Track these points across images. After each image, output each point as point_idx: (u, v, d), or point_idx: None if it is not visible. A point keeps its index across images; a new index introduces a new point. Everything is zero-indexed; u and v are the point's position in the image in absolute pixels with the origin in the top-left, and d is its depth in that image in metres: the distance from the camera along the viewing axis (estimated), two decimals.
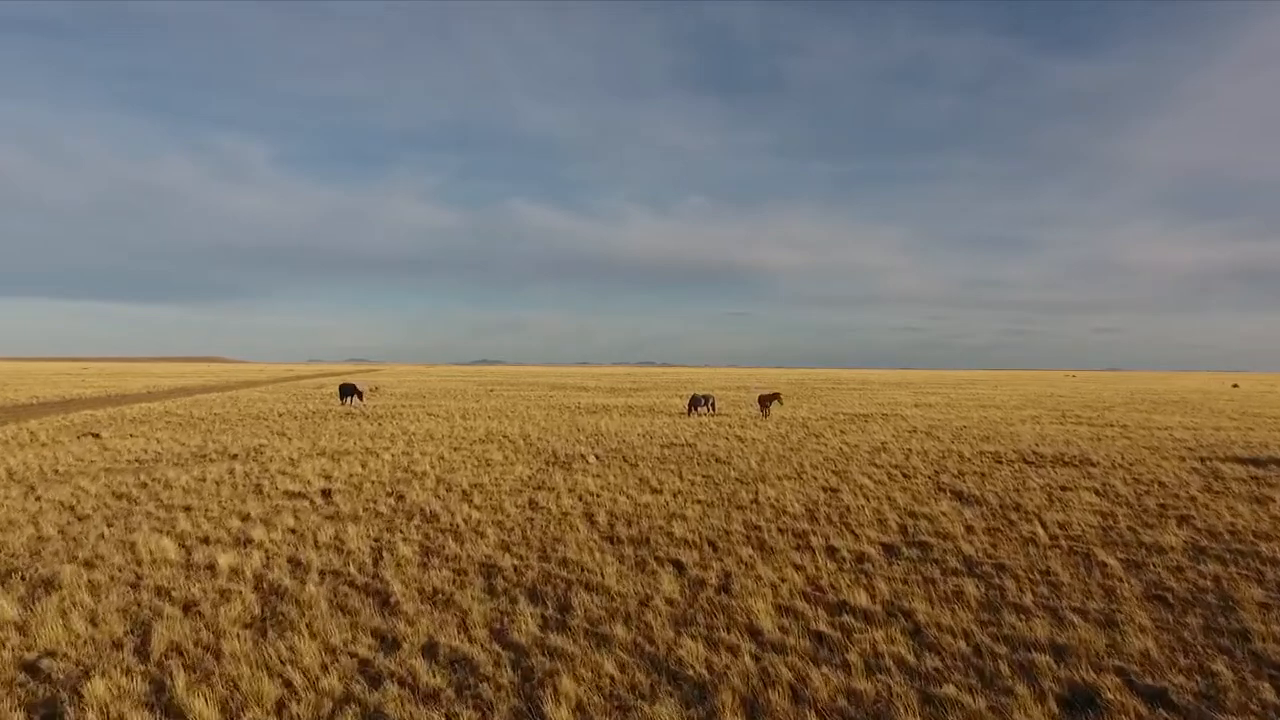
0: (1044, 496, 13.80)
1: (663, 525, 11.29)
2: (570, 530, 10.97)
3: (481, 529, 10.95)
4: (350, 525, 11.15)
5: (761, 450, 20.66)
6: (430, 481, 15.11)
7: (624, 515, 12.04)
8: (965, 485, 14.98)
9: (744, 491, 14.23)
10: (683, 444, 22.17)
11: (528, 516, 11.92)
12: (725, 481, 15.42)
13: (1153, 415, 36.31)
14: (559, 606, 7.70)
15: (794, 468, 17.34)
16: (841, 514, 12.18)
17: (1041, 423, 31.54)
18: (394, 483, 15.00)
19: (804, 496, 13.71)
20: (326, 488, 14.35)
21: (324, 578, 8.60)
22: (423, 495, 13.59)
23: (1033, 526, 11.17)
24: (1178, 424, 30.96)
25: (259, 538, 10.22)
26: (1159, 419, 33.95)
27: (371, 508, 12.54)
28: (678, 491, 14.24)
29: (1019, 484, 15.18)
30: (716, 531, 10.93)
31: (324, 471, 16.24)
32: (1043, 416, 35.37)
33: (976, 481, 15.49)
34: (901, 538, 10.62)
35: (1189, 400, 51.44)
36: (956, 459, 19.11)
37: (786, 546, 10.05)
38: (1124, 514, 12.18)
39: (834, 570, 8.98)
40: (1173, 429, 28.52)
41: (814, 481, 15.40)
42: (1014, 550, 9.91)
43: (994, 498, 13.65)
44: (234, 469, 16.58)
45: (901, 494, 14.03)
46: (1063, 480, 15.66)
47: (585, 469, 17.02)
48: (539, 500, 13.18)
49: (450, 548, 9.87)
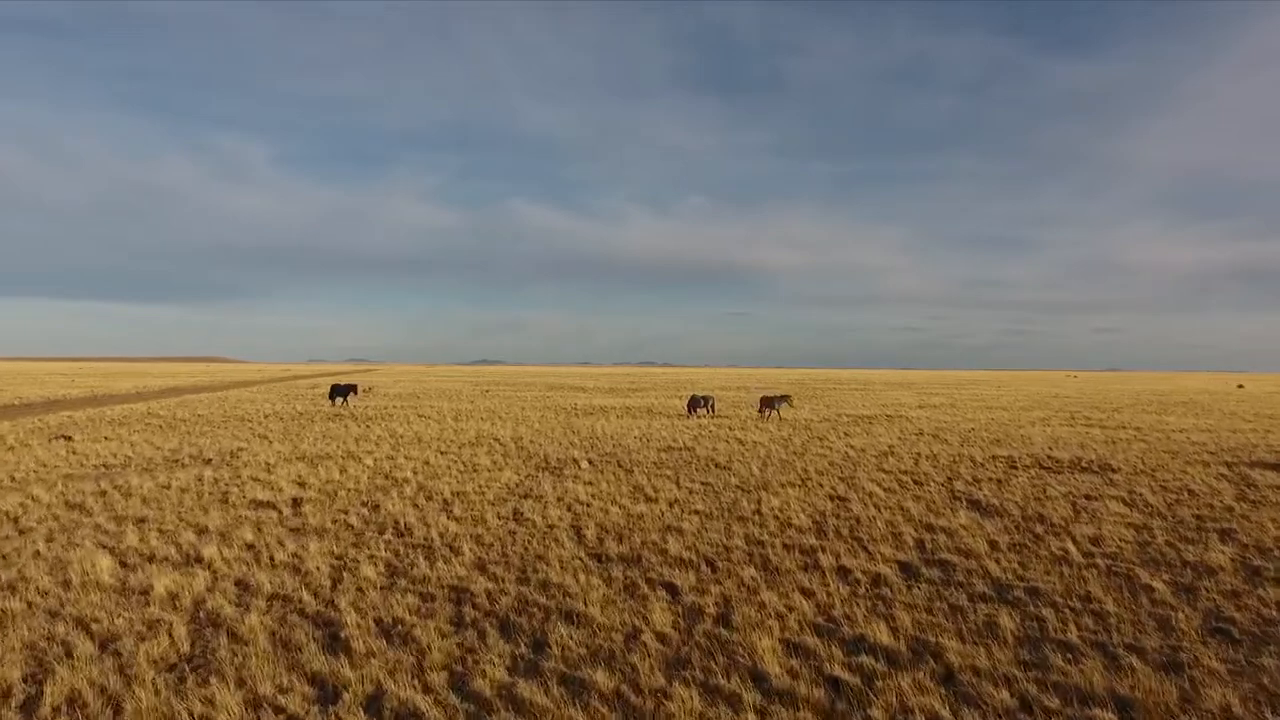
0: (1068, 507, 12.80)
1: (656, 541, 10.30)
2: (555, 546, 9.98)
3: (458, 545, 9.96)
4: (314, 540, 10.17)
5: (763, 455, 19.68)
6: (410, 489, 14.13)
7: (615, 528, 11.06)
8: (982, 493, 13.99)
9: (745, 501, 13.25)
10: (681, 447, 21.19)
11: (510, 530, 10.93)
12: (725, 489, 14.43)
13: (1164, 417, 35.32)
14: (534, 642, 6.69)
15: (798, 474, 16.36)
16: (852, 527, 11.19)
17: (1051, 425, 30.56)
18: (371, 491, 14.02)
19: (810, 507, 12.72)
20: (298, 496, 13.37)
21: (271, 605, 7.61)
22: (399, 505, 12.60)
23: (1062, 542, 10.18)
24: (1192, 426, 29.97)
25: (210, 555, 9.23)
26: (1171, 421, 32.97)
27: (342, 519, 11.56)
28: (674, 501, 13.26)
29: (1039, 492, 14.19)
30: (716, 548, 9.94)
31: (299, 478, 15.26)
32: (1051, 418, 34.39)
33: (993, 489, 14.50)
34: (919, 555, 9.63)
35: (1197, 401, 50.44)
36: (969, 464, 18.13)
37: (793, 566, 9.05)
38: (1159, 527, 11.19)
39: (847, 595, 7.99)
40: (1188, 431, 27.53)
41: (820, 490, 14.42)
42: (1046, 571, 8.91)
43: (1014, 508, 12.66)
44: (203, 475, 15.59)
45: (915, 503, 13.05)
46: (1085, 488, 14.67)
47: (577, 475, 16.04)
48: (524, 511, 12.20)
49: (420, 568, 8.88)
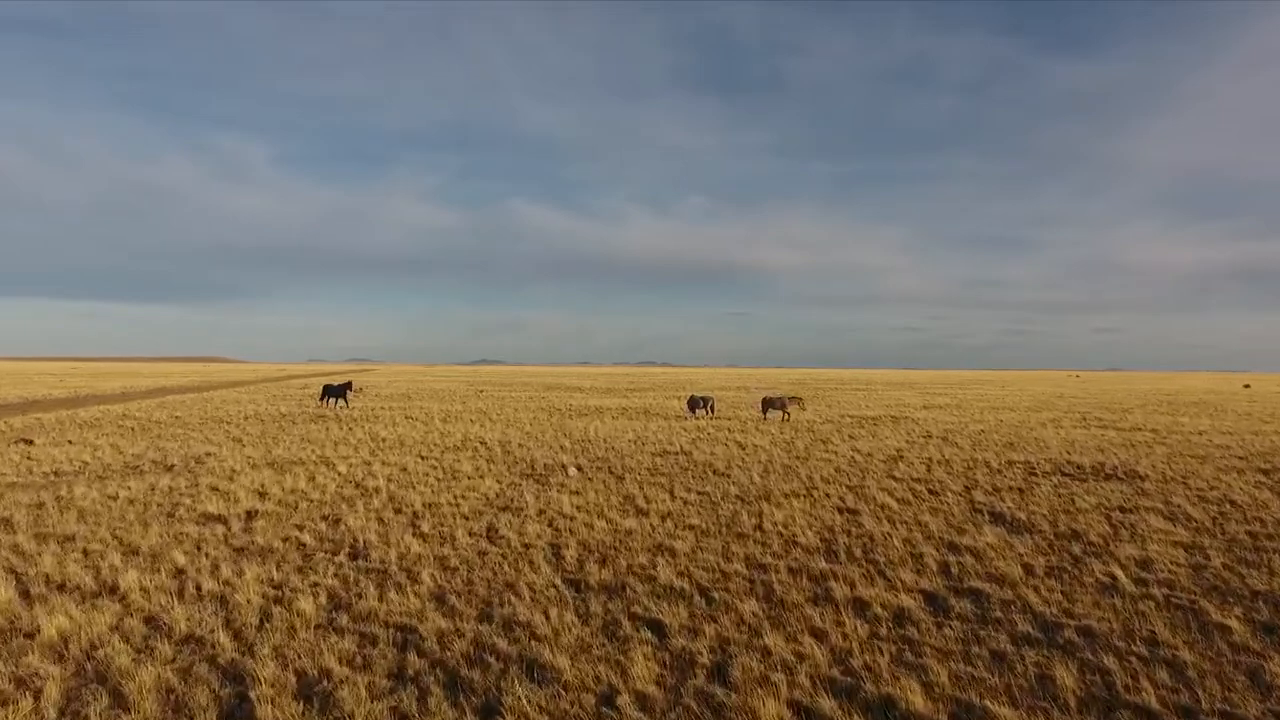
0: (1103, 521, 11.58)
1: (645, 564, 9.07)
2: (529, 571, 8.76)
3: (417, 570, 8.74)
4: (255, 564, 8.95)
5: (764, 459, 18.46)
6: (379, 500, 12.91)
7: (599, 548, 9.84)
8: (1005, 505, 12.77)
9: (745, 514, 12.04)
10: (677, 451, 19.97)
11: (480, 551, 9.71)
12: (724, 500, 13.22)
13: (1178, 418, 34.10)
14: (484, 707, 5.46)
15: (802, 482, 15.14)
16: (865, 546, 9.97)
17: (1063, 427, 29.34)
18: (336, 502, 12.81)
19: (817, 521, 11.51)
20: (254, 509, 12.15)
21: (179, 651, 6.39)
22: (362, 520, 11.38)
23: (1107, 566, 8.95)
24: (1210, 428, 28.75)
25: (128, 585, 8.01)
26: (1186, 422, 31.74)
27: (295, 537, 10.34)
28: (667, 514, 12.04)
29: (1066, 504, 12.98)
30: (712, 573, 8.71)
31: (261, 487, 14.05)
32: (1062, 419, 33.18)
33: (1016, 500, 13.28)
34: (945, 582, 8.41)
35: (1207, 402, 49.22)
36: (985, 470, 16.91)
37: (801, 598, 7.82)
38: (1212, 548, 9.96)
39: (867, 637, 6.77)
40: (1207, 434, 26.32)
41: (827, 501, 13.20)
42: (1095, 603, 7.68)
43: (1044, 523, 11.45)
44: (158, 484, 14.37)
45: (932, 517, 11.83)
46: (1116, 498, 13.46)
47: (563, 484, 14.82)
48: (500, 527, 10.98)
49: (367, 599, 7.66)
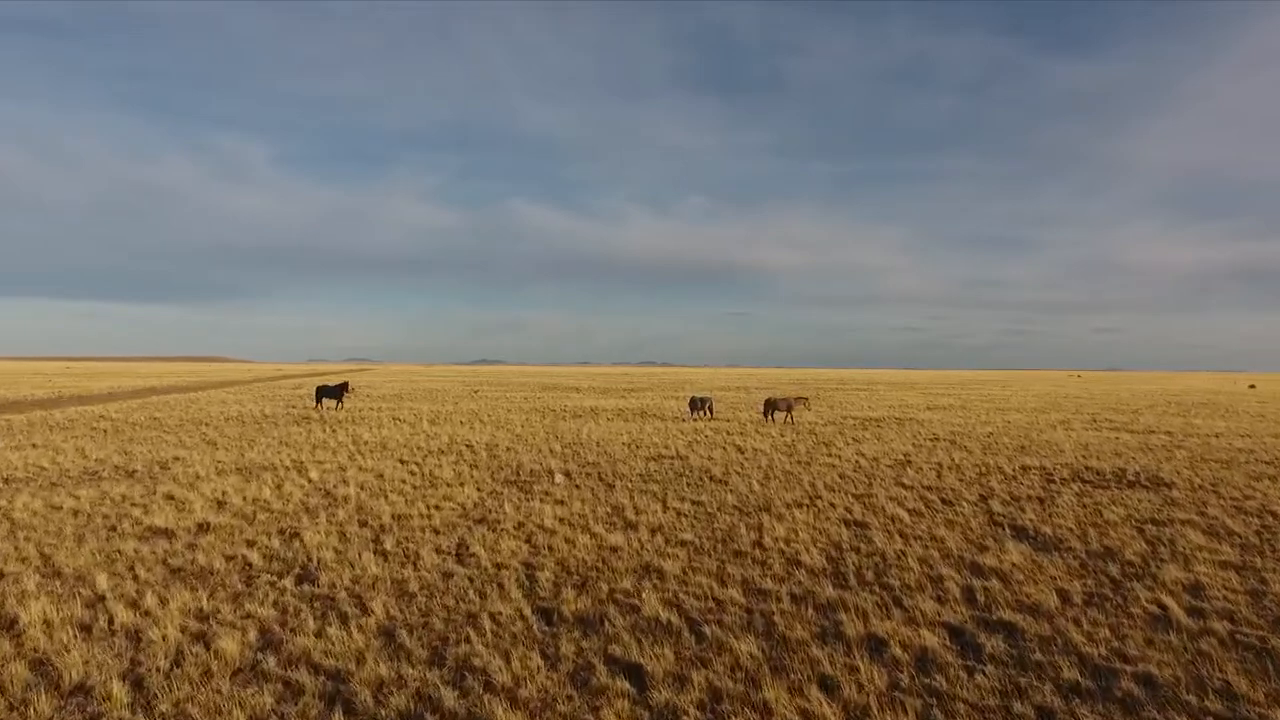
0: (1137, 536, 10.53)
1: (629, 590, 8.01)
2: (496, 599, 7.69)
3: (370, 598, 7.68)
4: (187, 590, 7.88)
5: (765, 464, 17.40)
6: (345, 512, 11.85)
7: (579, 569, 8.78)
8: (1026, 517, 11.71)
9: (743, 527, 10.98)
10: (673, 455, 18.91)
11: (446, 573, 8.64)
12: (720, 511, 12.16)
13: (1190, 420, 33.06)
14: None
15: (805, 490, 14.08)
16: (877, 567, 8.91)
17: (1074, 429, 28.28)
18: (299, 513, 11.75)
19: (822, 537, 10.44)
20: (206, 522, 11.09)
21: (60, 708, 5.31)
22: (321, 535, 10.32)
23: (1153, 593, 7.88)
24: (1226, 430, 27.70)
25: (30, 618, 6.93)
26: (1200, 424, 30.70)
27: (241, 556, 9.28)
28: (658, 527, 10.98)
29: (1093, 515, 11.92)
30: (704, 602, 7.65)
31: (222, 496, 12.99)
32: (1071, 420, 32.13)
33: (1038, 511, 12.22)
34: (972, 612, 7.35)
35: (1215, 402, 48.18)
36: (1000, 477, 15.85)
37: (806, 634, 6.74)
38: (1267, 570, 8.88)
39: (886, 689, 5.69)
40: (1224, 436, 25.27)
41: (832, 511, 12.14)
42: (1149, 640, 6.62)
43: (1073, 538, 10.39)
44: (111, 493, 13.31)
45: (949, 531, 10.77)
46: (1145, 509, 12.40)
47: (548, 492, 13.76)
48: (471, 544, 9.91)
49: (303, 637, 6.59)
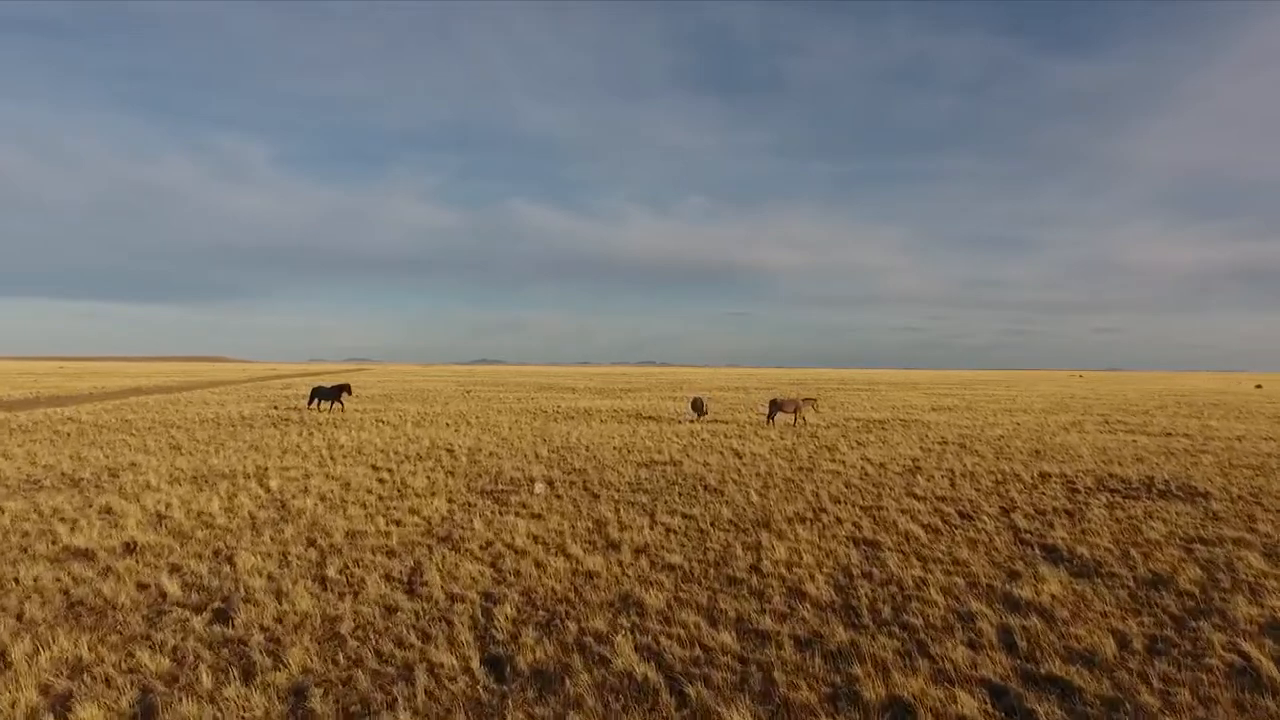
0: (1187, 559, 9.26)
1: (602, 631, 6.75)
2: (441, 644, 6.44)
3: (290, 643, 6.42)
4: (73, 633, 6.62)
5: (764, 471, 16.16)
6: (295, 528, 10.61)
7: (546, 602, 7.53)
8: (1057, 534, 10.46)
9: (740, 547, 9.73)
10: (666, 462, 17.66)
11: (390, 607, 7.39)
12: (714, 527, 10.91)
13: (1206, 421, 31.81)
14: None
15: (808, 501, 12.84)
16: (895, 600, 7.66)
17: (1087, 431, 27.04)
18: (243, 530, 10.51)
19: (829, 559, 9.19)
20: (134, 541, 9.83)
21: None
22: (258, 558, 9.06)
23: (1227, 635, 6.61)
24: (1247, 432, 26.45)
25: None
26: (1216, 426, 29.45)
27: (157, 585, 8.03)
28: (643, 548, 9.73)
29: (1131, 532, 10.67)
30: (689, 649, 6.39)
31: (164, 509, 11.75)
32: (1083, 423, 30.87)
33: (1068, 527, 10.97)
34: (1013, 664, 6.09)
35: (1225, 403, 46.94)
36: (1019, 486, 14.60)
37: (814, 697, 5.46)
38: None
39: None
40: (1247, 439, 24.02)
41: (839, 527, 10.89)
42: (1240, 706, 5.36)
43: (1114, 561, 9.13)
44: (45, 504, 12.06)
45: (972, 552, 9.52)
46: (1187, 524, 11.15)
47: (525, 504, 12.51)
48: (427, 569, 8.65)
49: (190, 702, 5.32)
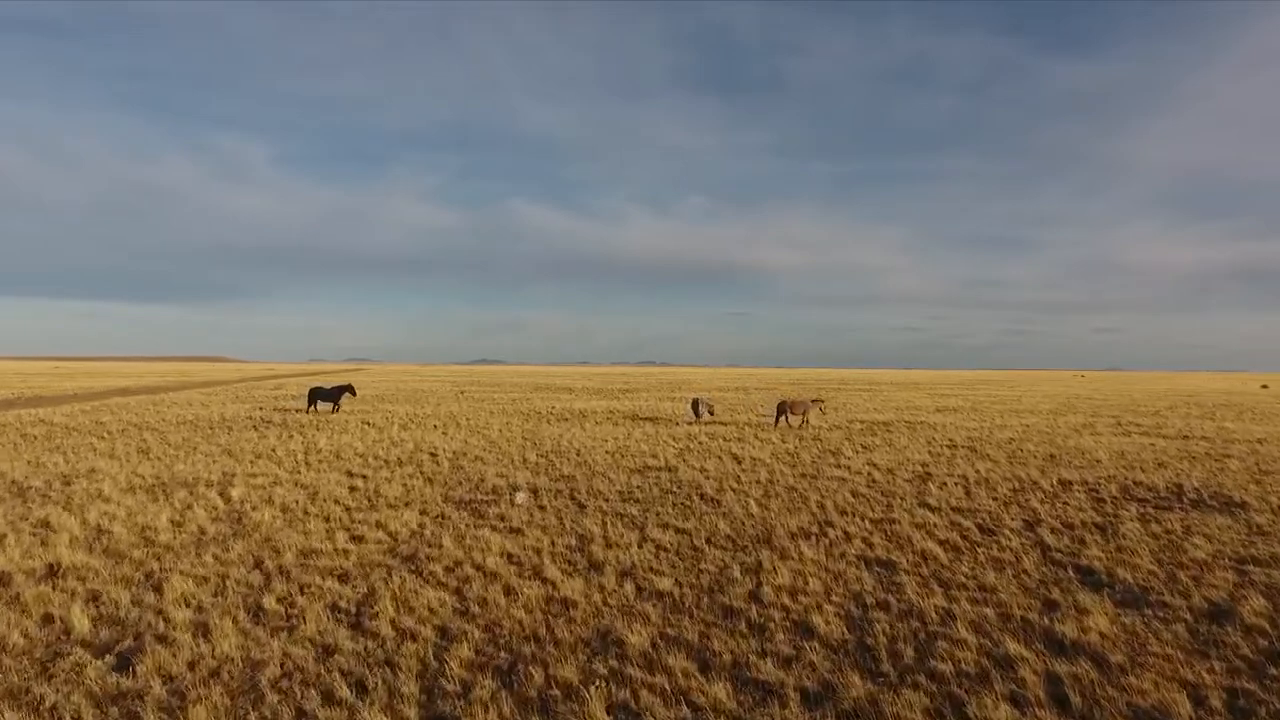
0: (1245, 585, 8.17)
1: (571, 682, 5.67)
2: (378, 702, 5.37)
3: (195, 699, 5.34)
4: None
5: (765, 478, 15.09)
6: (244, 546, 9.54)
7: (511, 640, 6.46)
8: (1092, 553, 9.38)
9: (738, 569, 8.66)
10: (660, 467, 16.60)
11: (326, 648, 6.31)
12: (710, 544, 9.84)
13: (1221, 423, 30.73)
14: None
15: (812, 513, 11.78)
16: (919, 640, 6.58)
17: (1100, 434, 25.96)
18: (188, 548, 9.45)
19: (839, 585, 8.11)
20: (58, 562, 8.77)
21: None
22: (192, 584, 7.99)
23: None
24: (1268, 435, 25.37)
25: None
26: (1233, 428, 28.39)
27: (62, 621, 6.96)
28: (629, 569, 8.66)
29: (1172, 551, 9.59)
30: (676, 708, 5.30)
31: (107, 523, 10.69)
32: (1094, 424, 29.78)
33: (1102, 544, 9.89)
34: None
35: (1235, 404, 45.86)
36: (1040, 495, 13.52)
37: None
38: None
39: None
40: (1270, 443, 22.95)
41: (848, 545, 9.82)
42: None
43: (1162, 587, 8.05)
44: None
45: (999, 576, 8.44)
46: (1232, 541, 10.07)
47: (505, 516, 11.45)
48: (381, 597, 7.57)
49: None
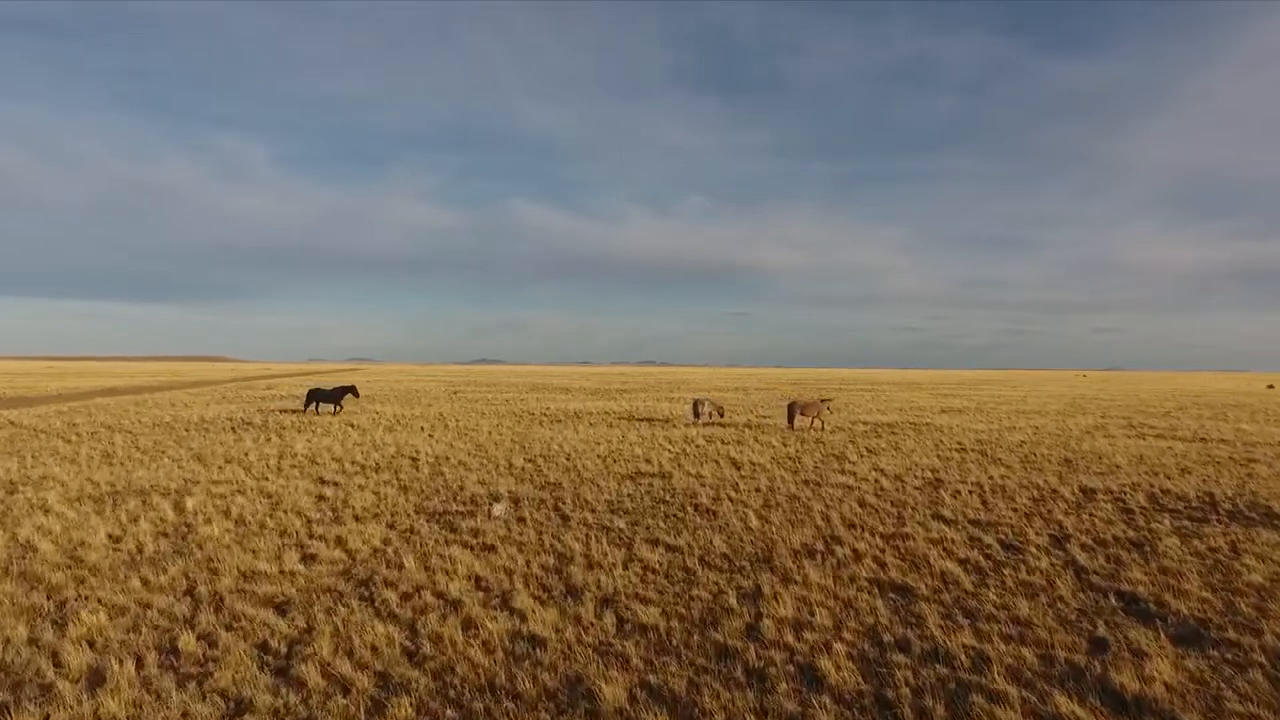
0: None
1: None
2: None
3: None
4: None
5: (765, 485, 14.04)
6: (181, 567, 8.48)
7: (463, 695, 5.40)
8: (1133, 576, 8.32)
9: (734, 597, 7.60)
10: (654, 473, 15.55)
11: (237, 704, 5.24)
12: (704, 565, 8.77)
13: (1237, 425, 29.70)
14: None
15: (817, 527, 10.72)
16: (948, 691, 5.51)
17: (1113, 436, 24.92)
18: (117, 570, 8.39)
19: (851, 617, 7.05)
20: None
21: None
22: (104, 617, 6.93)
23: None
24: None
25: None
26: (1250, 430, 27.36)
27: None
28: (611, 596, 7.60)
29: (1223, 573, 8.53)
30: None
31: (38, 539, 9.63)
32: (1106, 426, 28.75)
33: (1142, 566, 8.82)
34: None
35: (1244, 404, 44.88)
36: (1062, 506, 12.46)
37: None
38: None
39: None
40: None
41: (858, 565, 8.75)
42: None
43: (1222, 619, 6.99)
44: None
45: (1033, 606, 7.37)
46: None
47: (479, 530, 10.39)
48: (317, 634, 6.51)
49: None
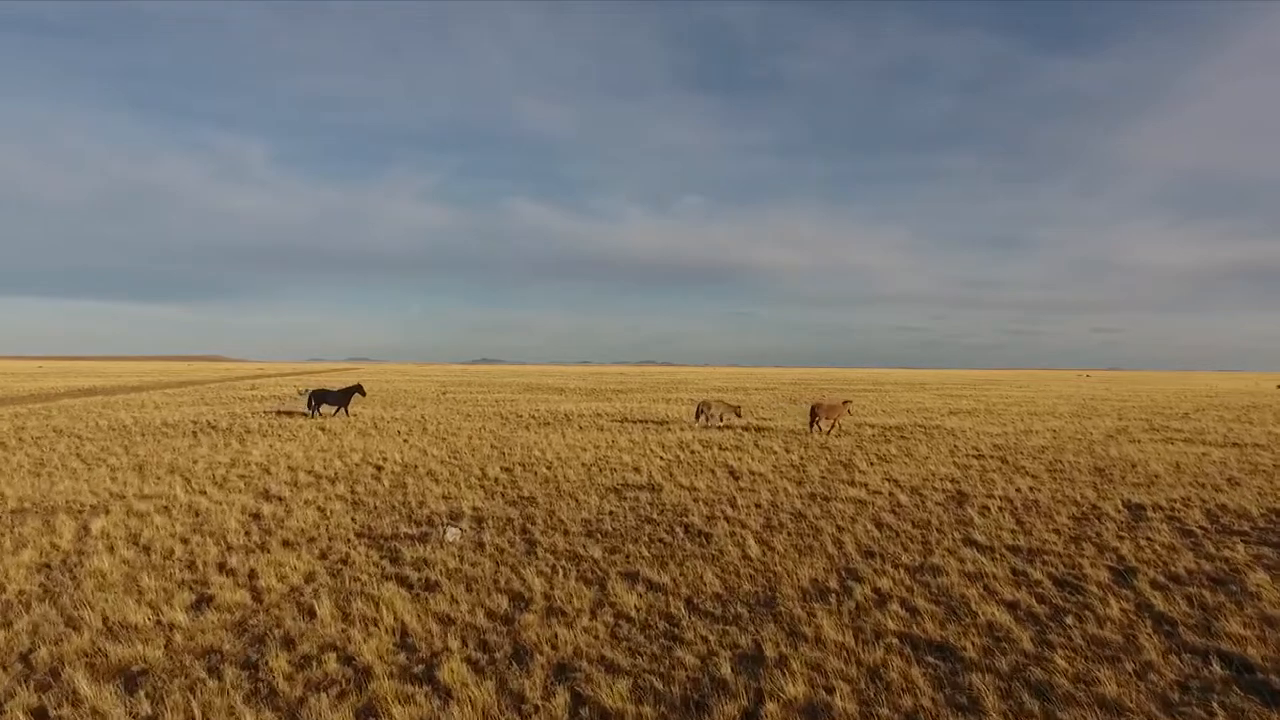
0: None
1: None
2: None
3: None
4: None
5: (766, 501, 12.35)
6: (36, 616, 6.79)
7: None
8: (1232, 630, 6.60)
9: (728, 664, 5.88)
10: (642, 485, 13.86)
11: None
12: (693, 610, 7.06)
13: (1266, 427, 28.03)
14: None
15: (829, 556, 9.02)
16: None
17: (1139, 440, 23.22)
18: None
19: (882, 701, 5.33)
20: None
21: None
22: None
23: None
24: None
25: None
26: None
27: None
28: (568, 662, 5.88)
29: None
30: None
31: None
32: (1128, 429, 27.08)
33: (1236, 613, 7.10)
34: None
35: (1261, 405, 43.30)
36: (1111, 527, 10.75)
37: None
38: None
39: None
40: None
41: (882, 611, 7.04)
42: None
43: None
44: None
45: (1116, 675, 5.65)
46: None
47: (427, 561, 8.68)
48: None
49: None
